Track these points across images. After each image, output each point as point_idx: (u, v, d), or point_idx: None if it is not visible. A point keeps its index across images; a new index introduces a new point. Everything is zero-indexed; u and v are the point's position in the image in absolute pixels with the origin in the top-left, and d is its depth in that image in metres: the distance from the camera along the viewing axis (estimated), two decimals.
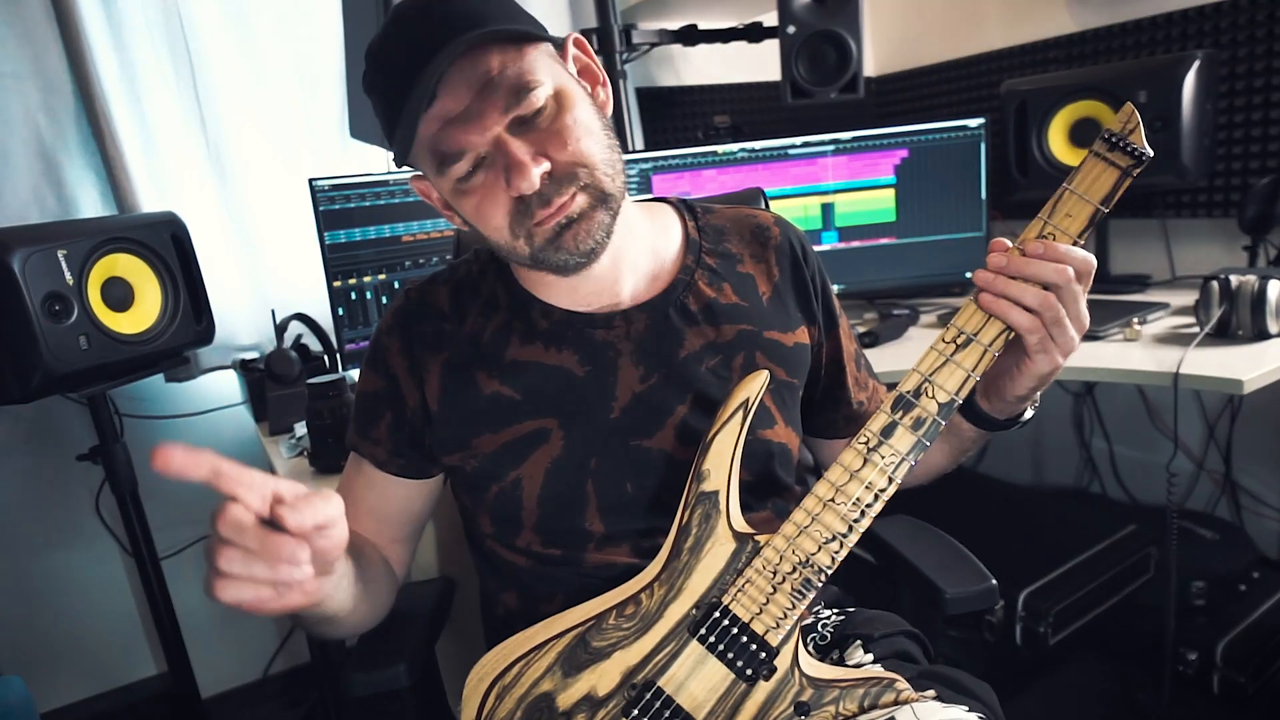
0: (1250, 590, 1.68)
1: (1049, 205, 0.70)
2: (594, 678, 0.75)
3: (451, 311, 0.87)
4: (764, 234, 0.93)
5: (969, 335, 0.70)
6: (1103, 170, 0.67)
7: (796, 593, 0.72)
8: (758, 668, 0.72)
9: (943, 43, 2.37)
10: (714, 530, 0.75)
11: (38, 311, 1.24)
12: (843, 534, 0.72)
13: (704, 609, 0.74)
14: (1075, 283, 0.68)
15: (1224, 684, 1.55)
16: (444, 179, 0.76)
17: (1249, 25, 1.74)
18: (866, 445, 0.72)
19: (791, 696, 0.72)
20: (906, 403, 0.71)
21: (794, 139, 1.83)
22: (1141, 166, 0.67)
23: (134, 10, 1.64)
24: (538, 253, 0.77)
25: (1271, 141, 1.75)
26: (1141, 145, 0.66)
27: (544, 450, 0.82)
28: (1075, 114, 1.79)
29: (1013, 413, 0.81)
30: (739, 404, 0.77)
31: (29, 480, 1.71)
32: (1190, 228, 1.93)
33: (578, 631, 0.76)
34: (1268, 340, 1.35)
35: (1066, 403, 2.19)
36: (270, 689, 1.98)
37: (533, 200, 0.74)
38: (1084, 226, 0.68)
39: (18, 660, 1.70)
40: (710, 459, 0.76)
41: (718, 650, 0.73)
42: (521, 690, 0.75)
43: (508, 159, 0.72)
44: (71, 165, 1.64)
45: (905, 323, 1.72)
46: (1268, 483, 1.89)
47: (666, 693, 0.73)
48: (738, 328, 0.87)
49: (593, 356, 0.84)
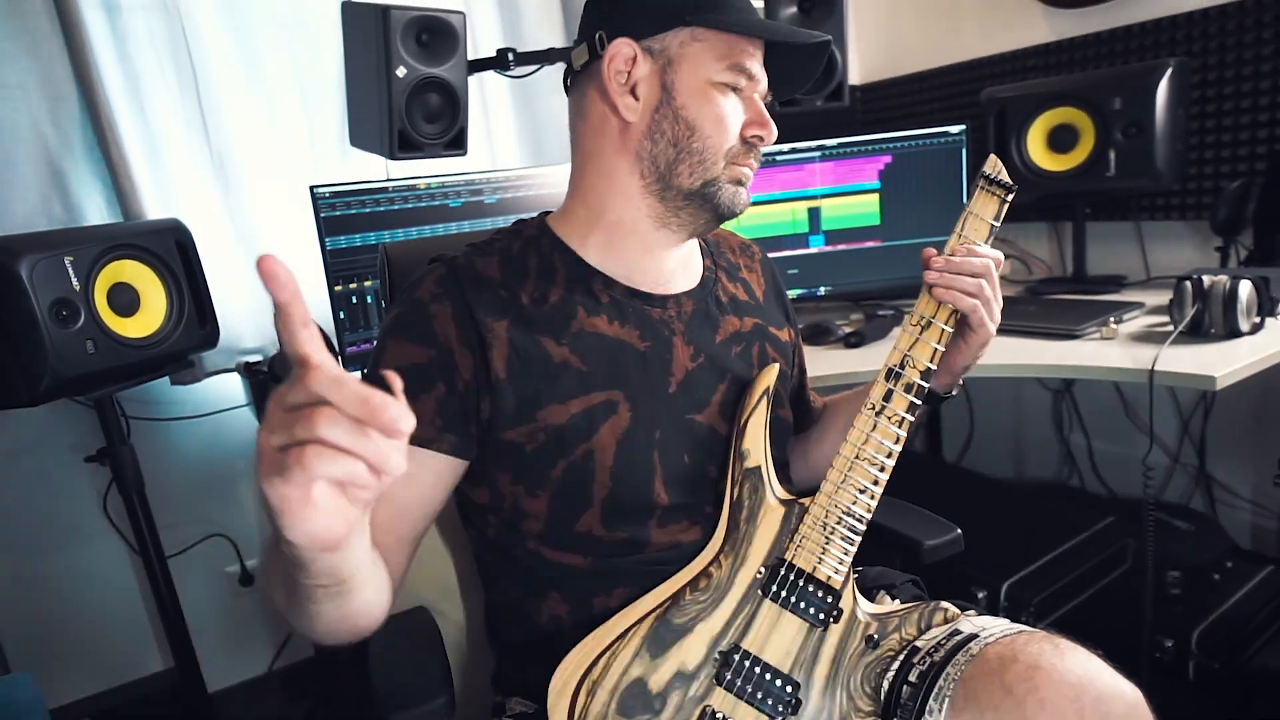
0: (1224, 579, 1.69)
1: (960, 223, 0.88)
2: (681, 654, 0.77)
3: (505, 279, 0.83)
4: (748, 249, 1.04)
5: (928, 318, 0.86)
6: (989, 198, 0.88)
7: (846, 539, 0.81)
8: (827, 612, 0.80)
9: (925, 52, 2.38)
10: (763, 500, 0.83)
11: (45, 317, 1.24)
12: (872, 484, 0.82)
13: (770, 568, 0.81)
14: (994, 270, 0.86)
15: (1199, 670, 1.56)
16: (713, 72, 0.81)
17: (1219, 34, 1.75)
18: (874, 410, 0.83)
19: (860, 632, 0.80)
20: (895, 374, 0.84)
21: (782, 146, 1.83)
22: (1013, 194, 0.87)
23: (137, 22, 1.63)
24: (717, 184, 0.84)
25: (1242, 146, 1.76)
26: (1007, 180, 0.87)
27: (613, 422, 0.81)
28: (1053, 120, 1.80)
29: (954, 383, 0.95)
30: (762, 390, 0.87)
31: (38, 481, 1.70)
32: (1164, 230, 1.94)
33: (658, 613, 0.78)
34: (1239, 338, 1.36)
35: (1046, 400, 2.20)
36: (275, 683, 1.98)
37: (753, 150, 0.85)
38: (986, 236, 0.87)
39: (27, 657, 1.68)
40: (748, 439, 0.85)
41: (790, 603, 0.80)
42: (612, 681, 0.76)
43: (762, 114, 0.85)
44: (77, 173, 1.63)
45: (889, 323, 1.72)
46: (1240, 475, 1.90)
47: (752, 653, 0.78)
48: (754, 320, 0.95)
49: (652, 332, 0.86)
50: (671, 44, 0.81)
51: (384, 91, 1.39)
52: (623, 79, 0.82)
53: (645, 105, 0.82)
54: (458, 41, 1.45)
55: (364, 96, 1.47)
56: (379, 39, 1.37)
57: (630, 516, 0.82)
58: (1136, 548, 1.78)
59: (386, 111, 1.40)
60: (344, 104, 1.57)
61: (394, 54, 1.37)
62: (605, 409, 0.81)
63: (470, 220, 1.66)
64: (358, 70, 1.47)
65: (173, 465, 1.78)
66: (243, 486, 1.90)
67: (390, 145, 1.42)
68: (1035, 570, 1.66)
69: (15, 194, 1.57)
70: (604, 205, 0.86)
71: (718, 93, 0.82)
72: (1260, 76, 1.70)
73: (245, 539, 1.89)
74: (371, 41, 1.38)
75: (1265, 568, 1.72)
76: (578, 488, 0.80)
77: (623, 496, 0.81)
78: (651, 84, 0.82)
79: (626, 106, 0.82)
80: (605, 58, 0.81)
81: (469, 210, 1.66)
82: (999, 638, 0.77)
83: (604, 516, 0.81)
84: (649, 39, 0.81)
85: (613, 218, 0.86)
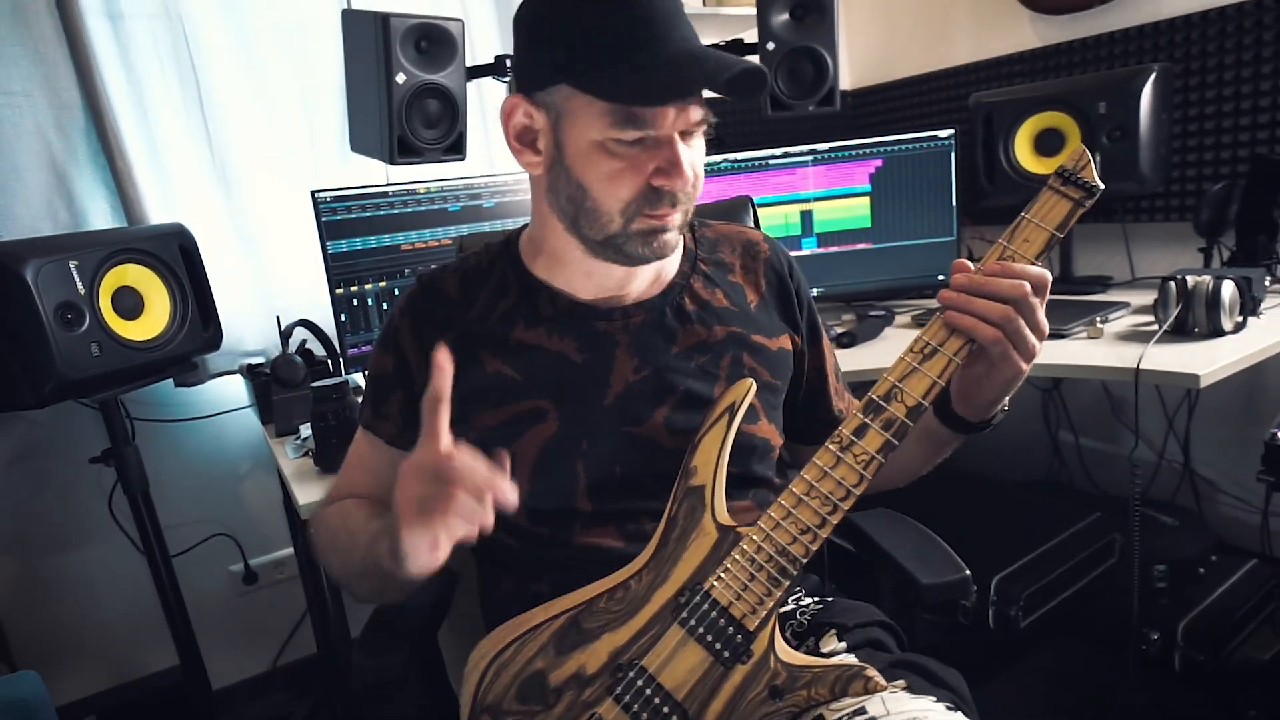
0: (1208, 573, 1.70)
1: (1009, 231, 0.72)
2: (583, 657, 0.76)
3: (460, 297, 0.88)
4: (754, 249, 0.96)
5: (934, 346, 0.72)
6: (1057, 201, 0.71)
7: (772, 580, 0.73)
8: (735, 650, 0.74)
9: (914, 58, 2.39)
10: (699, 522, 0.77)
11: (51, 320, 1.23)
12: (816, 526, 0.73)
13: (687, 593, 0.76)
14: (1032, 296, 0.70)
15: (1185, 662, 1.56)
16: (602, 129, 0.73)
17: (1201, 40, 1.76)
18: (840, 445, 0.74)
19: (766, 680, 0.73)
20: (878, 406, 0.73)
21: (774, 150, 1.84)
22: (1093, 199, 0.70)
23: (140, 29, 1.63)
24: (623, 236, 0.78)
25: (1224, 149, 1.77)
26: (1093, 180, 0.70)
27: (539, 429, 0.83)
28: (1040, 125, 1.80)
29: (985, 416, 0.82)
30: (726, 407, 0.80)
31: (44, 482, 1.69)
32: (1149, 231, 1.94)
33: (571, 614, 0.77)
34: (1222, 337, 1.36)
35: (1035, 398, 2.21)
36: (278, 680, 1.97)
37: (664, 197, 0.76)
38: (1040, 250, 0.71)
39: (34, 655, 1.68)
40: (698, 456, 0.79)
41: (698, 633, 0.74)
42: (516, 668, 0.76)
43: (672, 156, 0.74)
44: (82, 179, 1.63)
45: (881, 324, 1.73)
46: (1224, 471, 1.90)
47: (649, 671, 0.74)
48: (728, 329, 0.89)
49: (591, 345, 0.85)
50: (558, 99, 0.76)
51: (384, 97, 1.39)
52: (517, 134, 0.80)
53: (545, 160, 0.80)
54: (456, 49, 1.45)
55: (364, 102, 1.46)
56: (379, 46, 1.36)
57: (553, 517, 0.84)
58: (1123, 543, 1.78)
59: (386, 117, 1.40)
60: (344, 110, 1.57)
61: (394, 61, 1.37)
62: (532, 416, 0.83)
63: (469, 224, 1.66)
64: (358, 76, 1.47)
65: (177, 466, 1.77)
66: (246, 486, 1.89)
67: (390, 150, 1.42)
68: (1024, 565, 1.67)
69: (20, 199, 1.57)
70: (543, 235, 0.86)
71: (604, 152, 0.75)
72: (1241, 81, 1.71)
73: (248, 538, 1.89)
74: (371, 48, 1.38)
75: (1249, 561, 1.73)
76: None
77: (541, 499, 0.83)
78: (547, 139, 0.79)
79: (528, 162, 0.81)
80: (502, 114, 0.81)
81: (467, 214, 1.66)
82: None
83: (527, 514, 0.84)
84: (538, 93, 0.77)
85: (549, 246, 0.86)
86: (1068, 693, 1.64)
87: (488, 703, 0.76)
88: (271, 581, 1.95)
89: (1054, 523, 1.78)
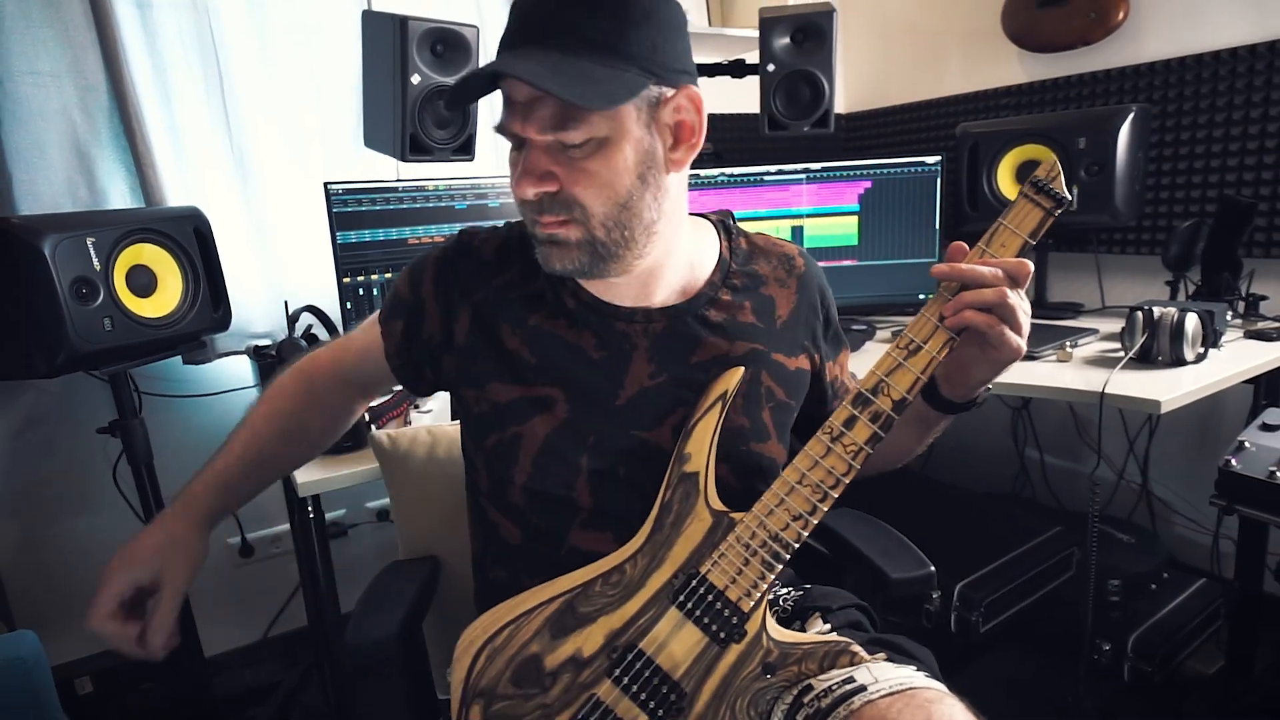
0: (1160, 589, 1.71)
1: (986, 235, 0.74)
2: (580, 640, 0.75)
3: (494, 262, 0.86)
4: (790, 263, 0.93)
5: (919, 343, 0.74)
6: (1031, 209, 0.72)
7: (766, 564, 0.74)
8: (730, 631, 0.74)
9: (907, 86, 2.40)
10: (694, 507, 0.77)
11: (66, 294, 1.23)
12: (807, 513, 0.74)
13: (683, 577, 0.75)
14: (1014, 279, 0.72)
15: (1133, 673, 1.57)
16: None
17: (1178, 84, 1.77)
18: (830, 436, 0.74)
19: (759, 658, 0.74)
20: (865, 399, 0.74)
21: (769, 167, 1.84)
22: (1062, 209, 0.72)
23: (168, 20, 1.62)
24: (535, 240, 0.78)
25: (1194, 189, 1.78)
26: (1062, 191, 0.71)
27: (547, 416, 0.80)
28: (1021, 156, 1.82)
29: (971, 396, 0.83)
30: (718, 395, 0.79)
31: (52, 450, 1.68)
32: (1120, 262, 1.96)
33: (566, 598, 0.76)
34: (1184, 366, 1.37)
35: (1005, 415, 2.22)
36: (269, 650, 1.96)
37: (528, 205, 0.75)
38: (1014, 254, 0.73)
39: (33, 616, 1.66)
40: (691, 443, 0.78)
41: (695, 615, 0.74)
42: (511, 651, 0.75)
43: (525, 163, 0.74)
44: (103, 159, 1.61)
45: (862, 338, 1.74)
46: (1180, 493, 1.92)
47: (647, 654, 0.74)
48: (750, 345, 0.85)
49: (610, 343, 0.82)
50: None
51: (398, 97, 1.38)
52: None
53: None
54: (470, 53, 1.45)
55: (379, 100, 1.46)
56: (396, 47, 1.36)
57: (551, 506, 0.81)
58: (1081, 557, 1.80)
59: (400, 116, 1.39)
60: (359, 106, 1.56)
61: (410, 62, 1.37)
62: (544, 402, 0.81)
63: (474, 222, 1.65)
64: (374, 76, 1.47)
65: (181, 440, 1.76)
66: None
67: (401, 148, 1.42)
68: (987, 573, 1.68)
69: (43, 176, 1.55)
70: None
71: (511, 155, 0.76)
72: (1214, 125, 1.73)
73: (246, 512, 1.86)
74: (389, 49, 1.38)
75: (1198, 580, 1.75)
76: (504, 462, 0.81)
77: (542, 484, 0.80)
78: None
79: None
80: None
81: (473, 212, 1.66)
82: (884, 695, 0.70)
83: (527, 497, 0.81)
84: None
85: None
86: (1021, 697, 1.65)
87: (481, 687, 0.75)
88: (267, 555, 1.94)
89: (1016, 534, 1.79)
